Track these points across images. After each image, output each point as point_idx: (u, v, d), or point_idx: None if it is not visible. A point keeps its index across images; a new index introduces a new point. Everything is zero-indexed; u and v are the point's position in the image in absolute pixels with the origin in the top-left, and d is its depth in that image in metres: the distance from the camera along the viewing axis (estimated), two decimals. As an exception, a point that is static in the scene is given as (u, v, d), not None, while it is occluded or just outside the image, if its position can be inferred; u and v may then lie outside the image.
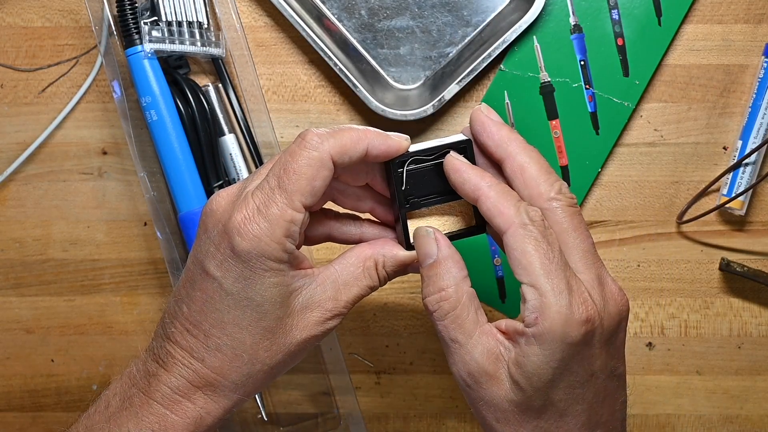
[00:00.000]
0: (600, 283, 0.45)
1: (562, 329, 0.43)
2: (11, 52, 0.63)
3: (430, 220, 0.50)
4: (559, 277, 0.44)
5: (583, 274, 0.45)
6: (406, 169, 0.49)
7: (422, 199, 0.49)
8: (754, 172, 0.61)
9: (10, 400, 0.65)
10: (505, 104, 0.61)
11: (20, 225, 0.64)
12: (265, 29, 0.63)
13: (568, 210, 0.46)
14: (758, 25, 0.62)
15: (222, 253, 0.45)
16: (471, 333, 0.46)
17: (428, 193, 0.49)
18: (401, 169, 0.49)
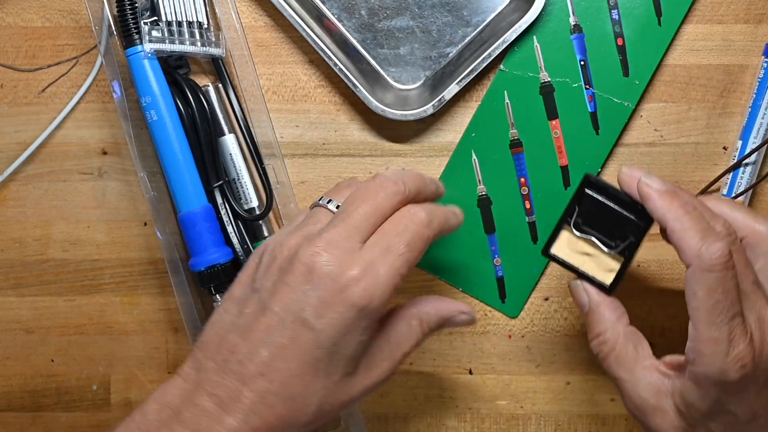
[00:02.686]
0: (761, 324, 0.47)
1: (715, 376, 0.45)
2: (11, 52, 0.63)
3: (579, 245, 0.53)
4: (722, 328, 0.45)
5: (746, 317, 0.46)
6: (588, 191, 0.53)
7: (585, 225, 0.53)
8: (754, 172, 0.61)
9: (10, 400, 0.65)
10: (505, 104, 0.61)
11: (20, 225, 0.64)
12: (265, 29, 0.63)
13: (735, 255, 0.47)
14: (758, 25, 0.62)
15: (328, 304, 0.45)
16: (633, 370, 0.50)
17: (594, 224, 0.53)
18: (586, 189, 0.52)
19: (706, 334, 0.46)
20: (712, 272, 0.46)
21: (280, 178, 0.61)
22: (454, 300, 0.52)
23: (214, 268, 0.58)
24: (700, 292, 0.46)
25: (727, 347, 0.45)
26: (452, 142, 0.63)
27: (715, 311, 0.46)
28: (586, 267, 0.53)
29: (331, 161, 0.63)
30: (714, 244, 0.46)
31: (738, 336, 0.46)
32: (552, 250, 0.54)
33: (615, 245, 0.53)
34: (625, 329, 0.51)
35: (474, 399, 0.64)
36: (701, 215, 0.48)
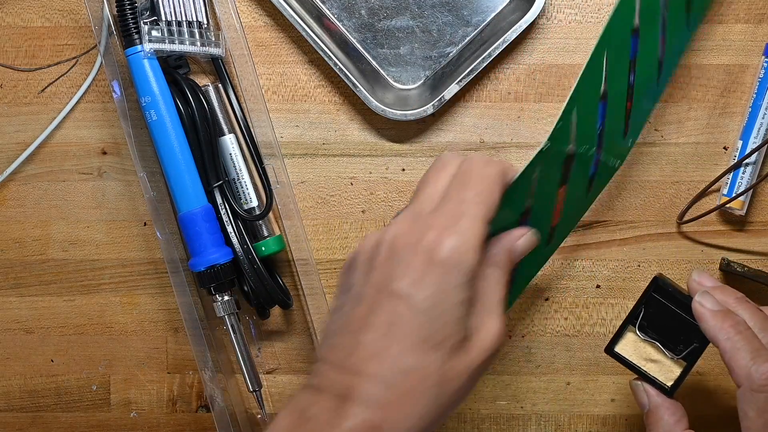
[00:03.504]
0: None
1: None
2: (11, 52, 0.63)
3: (642, 346, 0.55)
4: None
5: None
6: (655, 295, 0.54)
7: (650, 328, 0.54)
8: (754, 172, 0.61)
9: (10, 400, 0.65)
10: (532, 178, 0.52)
11: (20, 225, 0.64)
12: (265, 29, 0.63)
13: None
14: (758, 25, 0.62)
15: (416, 269, 0.44)
16: None
17: (659, 327, 0.54)
18: (653, 293, 0.54)
19: None
20: (762, 392, 0.47)
21: (280, 178, 0.61)
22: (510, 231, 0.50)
23: (213, 268, 0.58)
24: (750, 412, 0.47)
25: None
26: (452, 142, 0.63)
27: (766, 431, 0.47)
28: (648, 367, 0.55)
29: (331, 161, 0.63)
30: (764, 364, 0.47)
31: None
32: (616, 348, 0.55)
33: (678, 350, 0.54)
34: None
35: (474, 399, 0.64)
36: (753, 336, 0.49)
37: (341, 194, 0.63)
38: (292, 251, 0.61)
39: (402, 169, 0.63)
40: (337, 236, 0.63)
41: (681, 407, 0.53)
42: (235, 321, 0.60)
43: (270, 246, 0.61)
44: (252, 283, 0.59)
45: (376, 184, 0.63)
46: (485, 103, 0.63)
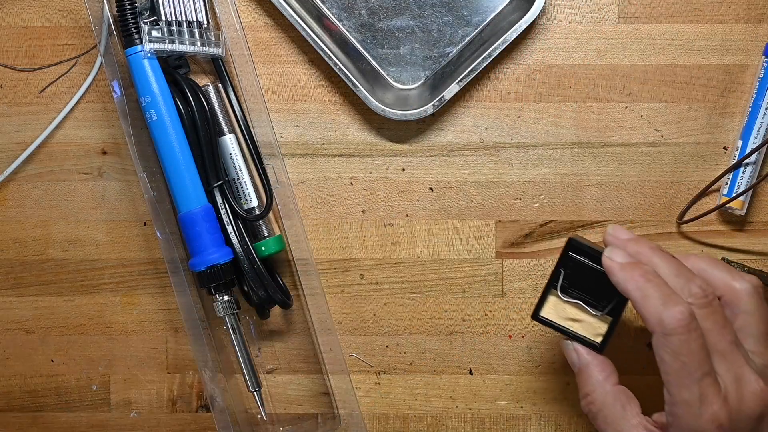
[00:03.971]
0: (738, 383, 0.48)
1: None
2: (11, 52, 0.63)
3: (566, 308, 0.55)
4: (692, 389, 0.47)
5: (722, 376, 0.48)
6: (572, 254, 0.54)
7: (572, 288, 0.54)
8: (754, 172, 0.61)
9: (10, 400, 0.65)
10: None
11: (20, 225, 0.64)
12: (265, 29, 0.63)
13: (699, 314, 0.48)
14: (758, 25, 0.62)
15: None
16: (621, 429, 0.51)
17: (580, 286, 0.54)
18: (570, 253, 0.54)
19: (678, 397, 0.47)
20: (674, 335, 0.47)
21: (280, 178, 0.61)
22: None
23: (213, 268, 0.58)
24: (666, 356, 0.47)
25: (699, 408, 0.47)
26: (452, 142, 0.63)
27: (682, 374, 0.47)
28: (576, 328, 0.55)
29: (331, 161, 0.63)
30: (673, 308, 0.47)
31: (711, 396, 0.47)
32: (541, 313, 0.55)
33: (602, 306, 0.54)
34: (612, 388, 0.52)
35: (474, 399, 0.64)
36: (663, 282, 0.49)
37: (341, 194, 0.63)
38: (292, 251, 0.61)
39: (402, 169, 0.63)
40: (337, 236, 0.63)
41: (610, 364, 0.53)
42: (235, 321, 0.60)
43: (270, 246, 0.61)
44: (252, 283, 0.59)
45: (376, 184, 0.63)
46: (485, 103, 0.63)
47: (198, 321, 0.60)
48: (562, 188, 0.63)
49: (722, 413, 0.47)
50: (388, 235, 0.63)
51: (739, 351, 0.49)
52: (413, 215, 0.63)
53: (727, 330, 0.49)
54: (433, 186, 0.63)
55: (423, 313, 0.64)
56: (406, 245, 0.63)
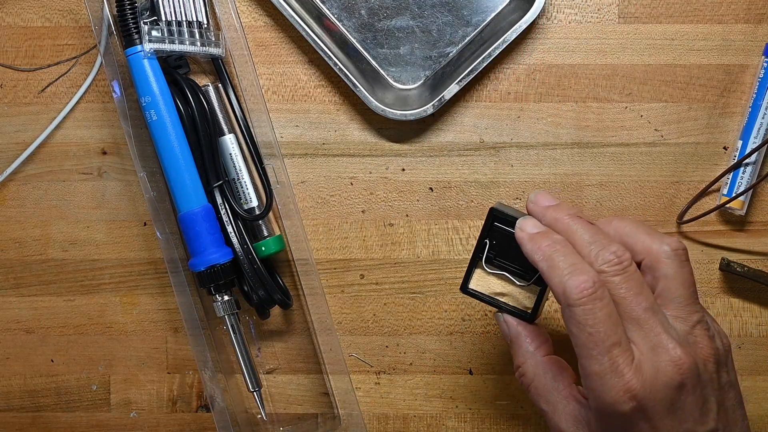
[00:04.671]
0: (654, 351, 0.46)
1: (608, 409, 0.45)
2: (11, 52, 0.63)
3: (495, 281, 0.53)
4: (602, 360, 0.45)
5: (638, 345, 0.46)
6: (496, 225, 0.52)
7: (498, 258, 0.53)
8: (754, 172, 0.61)
9: (10, 400, 0.65)
10: None
11: (20, 225, 0.64)
12: (265, 29, 0.63)
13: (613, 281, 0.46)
14: (758, 25, 0.62)
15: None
16: (552, 400, 0.50)
17: (507, 256, 0.53)
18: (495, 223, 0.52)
19: (588, 369, 0.46)
20: (578, 306, 0.45)
21: (280, 178, 0.61)
22: None
23: (213, 268, 0.58)
24: (573, 328, 0.46)
25: (611, 379, 0.45)
26: (452, 142, 0.63)
27: (590, 345, 0.45)
28: (505, 299, 0.53)
29: (331, 161, 0.63)
30: (577, 277, 0.45)
31: (622, 365, 0.45)
32: (470, 286, 0.54)
33: (529, 276, 0.53)
34: (543, 359, 0.51)
35: (474, 399, 0.64)
36: (571, 252, 0.47)
37: (341, 194, 0.63)
38: (292, 251, 0.61)
39: (402, 169, 0.63)
40: (337, 236, 0.63)
41: (543, 332, 0.52)
42: (235, 321, 0.60)
43: (270, 246, 0.61)
44: (252, 283, 0.59)
45: (376, 184, 0.63)
46: (485, 103, 0.63)
47: (198, 321, 0.60)
48: (562, 188, 0.63)
49: (635, 382, 0.45)
50: (388, 235, 0.63)
51: (656, 318, 0.46)
52: (413, 215, 0.63)
53: (643, 296, 0.46)
54: (433, 186, 0.63)
55: (423, 313, 0.64)
56: (406, 245, 0.63)
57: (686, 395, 0.46)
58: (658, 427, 0.46)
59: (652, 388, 0.45)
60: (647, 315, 0.46)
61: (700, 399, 0.46)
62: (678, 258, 0.48)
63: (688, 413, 0.46)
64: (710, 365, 0.47)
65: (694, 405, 0.46)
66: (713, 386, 0.47)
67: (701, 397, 0.47)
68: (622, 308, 0.46)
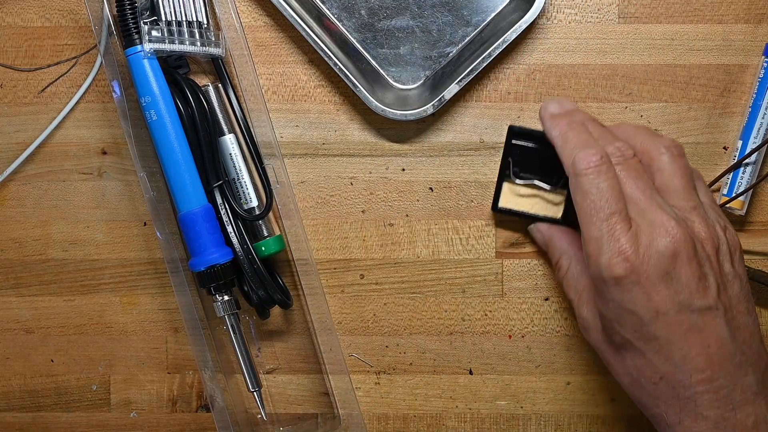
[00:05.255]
0: (652, 226, 0.48)
1: (602, 274, 0.48)
2: (11, 52, 0.63)
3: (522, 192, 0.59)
4: (601, 226, 0.48)
5: (635, 220, 0.49)
6: (515, 142, 0.59)
7: (523, 173, 0.59)
8: (754, 172, 0.61)
9: (10, 400, 0.65)
10: None
11: (20, 225, 0.64)
12: (265, 29, 0.63)
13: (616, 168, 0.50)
14: (758, 25, 0.62)
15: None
16: (579, 289, 0.54)
17: (531, 170, 0.59)
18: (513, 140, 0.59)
19: (587, 235, 0.49)
20: (584, 176, 0.49)
21: (279, 178, 0.61)
22: None
23: (213, 268, 0.58)
24: (577, 197, 0.49)
25: (607, 243, 0.48)
26: (452, 142, 0.63)
27: (591, 211, 0.49)
28: (536, 209, 0.59)
29: (331, 161, 0.63)
30: (587, 150, 0.50)
31: (618, 232, 0.48)
32: (500, 204, 0.60)
33: (556, 180, 0.58)
34: (575, 253, 0.55)
35: (474, 399, 0.64)
36: (585, 130, 0.52)
37: (341, 194, 0.63)
38: (292, 251, 0.61)
39: (402, 169, 0.63)
40: (337, 236, 0.63)
41: (573, 231, 0.56)
42: (235, 321, 0.60)
43: (270, 246, 0.61)
44: (252, 283, 0.59)
45: (376, 184, 0.63)
46: (485, 103, 0.63)
47: (198, 321, 0.60)
48: (562, 188, 0.63)
49: (628, 247, 0.47)
50: (388, 235, 0.63)
51: (653, 199, 0.49)
52: (413, 215, 0.63)
53: (643, 181, 0.50)
54: (433, 186, 0.63)
55: (423, 313, 0.64)
56: (406, 245, 0.63)
57: (681, 265, 0.48)
58: (651, 294, 0.47)
59: (645, 254, 0.47)
60: (645, 196, 0.49)
61: (696, 272, 0.48)
62: (671, 152, 0.52)
63: (684, 284, 0.48)
64: (707, 246, 0.49)
65: (690, 276, 0.48)
66: (712, 266, 0.49)
67: (697, 271, 0.48)
68: (624, 189, 0.49)
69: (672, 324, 0.47)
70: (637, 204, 0.49)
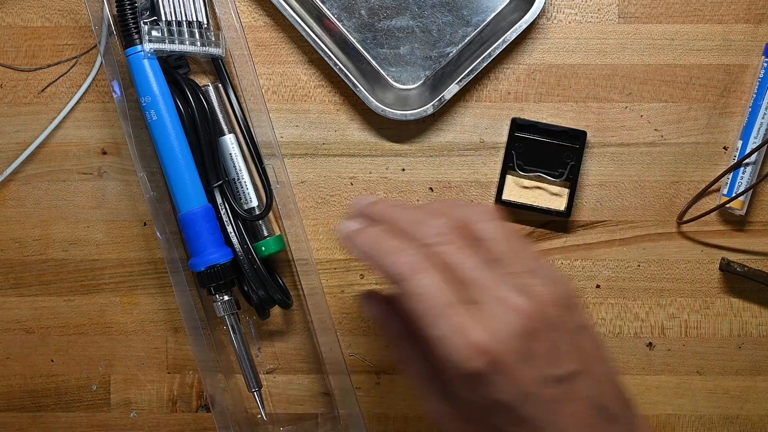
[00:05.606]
0: (497, 303, 0.45)
1: (459, 370, 0.44)
2: (11, 52, 0.63)
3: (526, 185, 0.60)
4: (439, 323, 0.44)
5: (477, 303, 0.45)
6: (518, 134, 0.60)
7: (527, 165, 0.60)
8: (754, 172, 0.61)
9: (10, 400, 0.65)
10: None
11: (20, 225, 0.64)
12: (265, 29, 0.63)
13: (439, 251, 0.46)
14: (758, 25, 0.62)
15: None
16: (428, 383, 0.49)
17: (534, 162, 0.60)
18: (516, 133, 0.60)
19: (433, 337, 0.44)
20: (405, 281, 0.45)
21: (280, 178, 0.61)
22: None
23: (213, 268, 0.58)
24: (409, 304, 0.45)
25: (455, 339, 0.44)
26: (452, 142, 0.63)
27: (425, 312, 0.44)
28: (539, 202, 0.60)
29: (331, 161, 0.63)
30: (394, 256, 0.45)
31: (463, 325, 0.44)
32: (504, 197, 0.61)
33: (559, 173, 0.60)
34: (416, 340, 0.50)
35: (474, 399, 0.64)
36: (386, 234, 0.47)
37: (341, 194, 0.63)
38: (292, 251, 0.61)
39: (402, 169, 0.63)
40: (337, 236, 0.63)
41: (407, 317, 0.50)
42: (235, 321, 0.60)
43: (270, 246, 0.61)
44: (252, 283, 0.59)
45: (376, 184, 0.63)
46: (485, 103, 0.63)
47: (198, 321, 0.60)
48: (562, 188, 0.63)
49: (480, 337, 0.44)
50: (388, 235, 0.63)
51: (488, 274, 0.45)
52: (413, 215, 0.63)
53: (471, 258, 0.46)
54: (433, 186, 0.63)
55: (423, 313, 0.63)
56: (406, 245, 0.63)
57: (536, 341, 0.45)
58: (517, 378, 0.44)
59: (500, 340, 0.44)
60: (478, 273, 0.45)
61: (552, 343, 0.45)
62: (489, 217, 0.48)
63: (543, 359, 0.45)
64: (553, 309, 0.46)
65: (547, 349, 0.45)
66: (564, 328, 0.46)
67: (553, 341, 0.45)
68: (454, 274, 0.45)
69: (541, 402, 0.45)
70: (473, 283, 0.45)
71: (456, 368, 0.44)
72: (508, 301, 0.44)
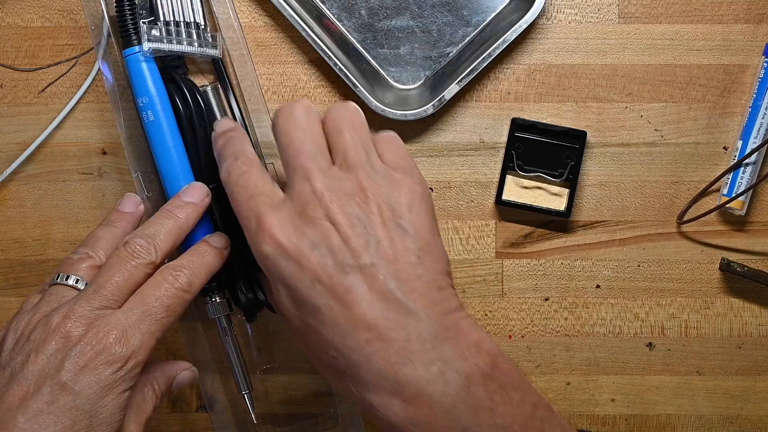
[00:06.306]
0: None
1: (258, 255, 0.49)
2: (11, 52, 0.63)
3: (525, 185, 0.61)
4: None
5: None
6: (518, 134, 0.61)
7: (527, 165, 0.60)
8: (754, 172, 0.61)
9: (10, 400, 0.65)
10: None
11: (20, 225, 0.64)
12: (265, 29, 0.63)
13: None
14: (758, 25, 0.62)
15: (87, 369, 0.48)
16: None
17: (534, 162, 0.60)
18: (516, 133, 0.60)
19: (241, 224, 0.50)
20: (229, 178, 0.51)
21: (280, 178, 0.61)
22: (176, 360, 0.54)
23: (211, 269, 0.58)
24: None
25: (253, 224, 0.48)
26: (452, 142, 0.63)
27: (235, 202, 0.50)
28: (539, 201, 0.61)
29: (331, 161, 0.63)
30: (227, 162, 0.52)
31: (261, 212, 0.48)
32: (504, 197, 0.61)
33: (559, 174, 0.60)
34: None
35: (474, 399, 0.64)
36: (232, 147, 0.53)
37: (341, 194, 0.63)
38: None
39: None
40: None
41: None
42: (226, 323, 0.59)
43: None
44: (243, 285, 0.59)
45: (376, 184, 0.63)
46: (485, 103, 0.63)
47: (195, 322, 0.60)
48: (562, 188, 0.63)
49: (272, 224, 0.47)
50: (388, 235, 0.63)
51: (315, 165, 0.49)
52: (413, 215, 0.63)
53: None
54: (433, 186, 0.63)
55: (423, 313, 0.63)
56: (406, 245, 0.63)
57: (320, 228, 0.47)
58: (303, 264, 0.46)
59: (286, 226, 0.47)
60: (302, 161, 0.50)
61: (347, 231, 0.46)
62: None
63: (335, 247, 0.46)
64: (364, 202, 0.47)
65: (342, 238, 0.46)
66: (370, 222, 0.47)
67: (349, 230, 0.46)
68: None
69: (328, 289, 0.45)
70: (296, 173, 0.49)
71: (254, 251, 0.48)
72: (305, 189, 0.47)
